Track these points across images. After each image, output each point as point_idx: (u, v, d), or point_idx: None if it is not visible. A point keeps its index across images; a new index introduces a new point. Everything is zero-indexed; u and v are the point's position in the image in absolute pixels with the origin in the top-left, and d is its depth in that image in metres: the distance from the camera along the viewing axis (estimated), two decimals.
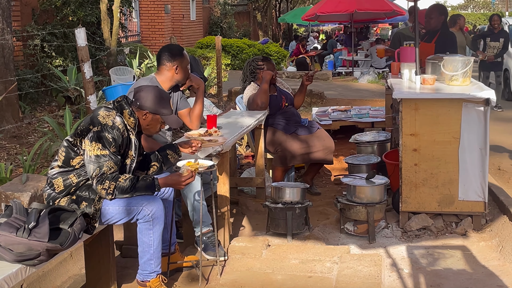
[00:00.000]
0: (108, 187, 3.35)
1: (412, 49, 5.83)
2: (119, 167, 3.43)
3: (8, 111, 7.49)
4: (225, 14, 25.09)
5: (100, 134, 3.35)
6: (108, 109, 3.48)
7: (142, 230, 3.57)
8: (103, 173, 3.33)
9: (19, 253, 2.88)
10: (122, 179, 3.38)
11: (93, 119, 3.43)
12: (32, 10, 10.51)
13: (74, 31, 5.71)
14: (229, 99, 10.86)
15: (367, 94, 11.98)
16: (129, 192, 3.40)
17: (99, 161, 3.34)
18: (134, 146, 3.57)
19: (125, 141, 3.48)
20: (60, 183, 3.46)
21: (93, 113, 3.48)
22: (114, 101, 3.58)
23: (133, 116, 3.53)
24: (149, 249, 3.58)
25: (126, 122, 3.50)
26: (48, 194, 3.50)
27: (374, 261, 4.10)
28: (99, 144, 3.34)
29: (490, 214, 5.00)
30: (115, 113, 3.46)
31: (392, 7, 16.06)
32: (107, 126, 3.38)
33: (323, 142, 5.76)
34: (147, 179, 3.46)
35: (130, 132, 3.54)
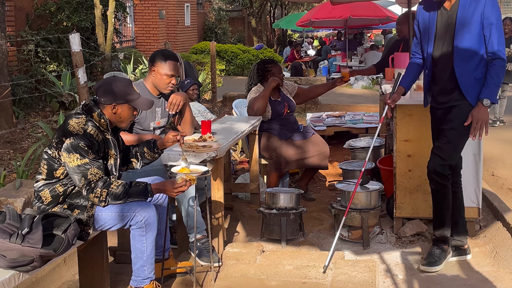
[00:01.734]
0: (100, 194, 3.33)
1: (406, 54, 5.84)
2: (103, 171, 3.40)
3: (1, 116, 7.47)
4: (220, 20, 25.14)
5: (74, 145, 3.30)
6: (77, 116, 3.43)
7: (135, 236, 3.54)
8: (89, 181, 3.30)
9: (13, 259, 2.87)
10: (114, 185, 3.36)
11: (64, 131, 3.38)
12: (26, 15, 10.50)
13: (69, 37, 5.70)
14: (223, 105, 10.87)
15: (361, 100, 12.01)
16: (121, 198, 3.37)
17: (82, 170, 3.30)
18: (113, 145, 3.54)
19: (101, 144, 3.45)
20: (47, 194, 3.42)
21: (64, 124, 3.43)
22: (82, 105, 3.52)
23: (103, 118, 3.47)
24: (142, 255, 3.56)
25: (98, 124, 3.46)
26: (37, 207, 3.47)
27: (368, 267, 4.10)
28: (76, 154, 3.30)
29: (484, 220, 5.01)
30: (85, 119, 3.42)
31: (386, 13, 16.14)
32: (78, 135, 3.33)
33: (318, 148, 5.76)
34: (139, 185, 3.43)
35: (106, 133, 3.51)
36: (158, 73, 4.36)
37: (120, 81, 3.54)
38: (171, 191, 3.49)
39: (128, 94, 3.51)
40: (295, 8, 34.56)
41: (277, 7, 33.72)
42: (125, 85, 3.53)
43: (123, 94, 3.49)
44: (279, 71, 5.84)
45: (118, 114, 3.52)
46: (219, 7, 26.83)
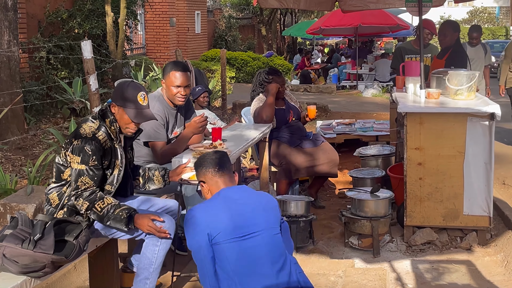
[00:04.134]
0: (81, 205, 3.32)
1: (416, 63, 5.84)
2: (97, 182, 3.37)
3: (13, 122, 7.52)
4: (230, 27, 25.20)
5: (80, 147, 3.31)
6: (92, 120, 3.45)
7: (148, 244, 3.49)
8: (77, 187, 3.32)
9: (24, 264, 2.88)
10: (99, 205, 3.32)
11: (75, 132, 3.41)
12: (38, 22, 10.58)
13: (80, 44, 5.74)
14: (233, 112, 10.88)
15: (371, 107, 11.99)
16: (101, 220, 3.34)
17: (76, 175, 3.32)
18: (120, 156, 3.51)
19: (107, 151, 3.42)
20: (55, 197, 3.45)
21: (78, 126, 3.46)
22: (100, 109, 3.53)
23: (114, 125, 3.47)
24: (149, 267, 3.49)
25: (109, 131, 3.45)
26: (47, 209, 3.50)
27: (378, 275, 4.08)
28: (78, 157, 3.31)
29: (495, 228, 4.98)
30: (98, 124, 3.42)
31: (397, 21, 16.12)
32: (87, 138, 3.33)
33: (327, 156, 5.76)
34: (123, 213, 3.32)
35: (115, 142, 3.48)
36: (166, 85, 4.40)
37: (132, 88, 3.51)
38: (146, 227, 3.39)
39: (127, 100, 3.45)
40: (305, 16, 34.61)
41: (287, 15, 33.76)
42: (132, 92, 3.48)
43: (123, 97, 3.46)
44: (281, 82, 5.81)
45: (116, 114, 3.49)
46: (229, 14, 26.92)
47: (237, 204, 2.95)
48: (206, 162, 3.09)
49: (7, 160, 6.76)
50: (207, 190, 3.08)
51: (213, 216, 2.89)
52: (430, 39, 7.31)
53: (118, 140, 3.53)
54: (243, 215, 2.91)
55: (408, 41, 8.25)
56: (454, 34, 6.34)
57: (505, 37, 36.92)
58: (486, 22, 43.78)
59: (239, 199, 2.98)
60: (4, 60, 7.39)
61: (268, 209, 3.01)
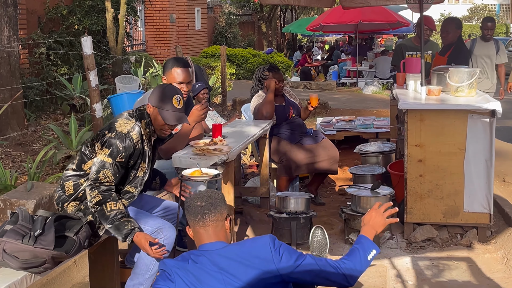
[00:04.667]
0: (93, 197, 3.29)
1: (417, 59, 5.84)
2: (117, 179, 3.37)
3: (13, 118, 7.51)
4: (230, 24, 25.18)
5: (112, 141, 3.32)
6: (128, 117, 3.46)
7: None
8: (97, 178, 3.30)
9: (25, 260, 2.88)
10: (110, 206, 3.30)
11: (111, 125, 3.41)
12: (38, 18, 10.56)
13: (80, 40, 5.73)
14: (233, 109, 10.88)
15: (371, 104, 11.98)
16: (105, 221, 3.30)
17: (100, 166, 3.31)
18: (147, 158, 3.52)
19: (137, 152, 3.42)
20: (71, 186, 3.45)
21: (113, 120, 3.47)
22: (137, 109, 3.55)
23: (149, 128, 3.50)
24: (145, 273, 3.46)
25: (143, 132, 3.45)
26: (58, 195, 3.49)
27: (379, 272, 4.09)
28: (107, 149, 3.31)
29: (495, 226, 4.98)
30: (134, 123, 3.42)
31: (397, 18, 16.10)
32: (121, 134, 3.34)
33: (328, 152, 5.75)
34: (127, 226, 3.28)
35: (145, 144, 3.49)
36: (168, 81, 4.37)
37: (168, 90, 3.53)
38: (144, 249, 3.33)
39: (163, 101, 3.48)
40: (305, 12, 34.57)
41: (287, 12, 33.73)
42: (168, 95, 3.50)
43: (159, 99, 3.48)
44: (278, 78, 5.79)
45: (152, 115, 3.51)
46: (229, 11, 26.90)
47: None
48: (190, 208, 2.61)
49: (7, 155, 6.75)
50: (193, 238, 2.64)
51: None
52: (429, 36, 7.30)
53: (150, 143, 3.55)
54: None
55: (408, 38, 8.25)
56: (457, 31, 6.33)
57: (505, 35, 36.88)
58: None
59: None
60: (4, 56, 7.38)
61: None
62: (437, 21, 26.75)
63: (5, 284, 2.80)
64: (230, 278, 2.43)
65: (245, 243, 2.59)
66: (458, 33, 6.35)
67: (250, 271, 2.42)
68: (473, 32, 33.53)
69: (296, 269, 2.47)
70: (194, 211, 2.58)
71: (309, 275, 2.50)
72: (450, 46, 6.30)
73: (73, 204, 3.45)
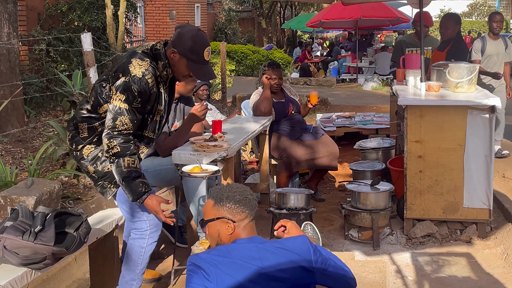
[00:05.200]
0: (111, 148, 3.13)
1: (417, 55, 5.84)
2: (135, 126, 3.20)
3: (13, 115, 7.50)
4: (230, 20, 25.15)
5: (127, 85, 3.12)
6: (142, 57, 3.20)
7: (134, 247, 3.40)
8: (114, 126, 3.12)
9: (25, 256, 2.89)
10: (128, 160, 3.14)
11: (124, 67, 3.17)
12: (38, 15, 10.55)
13: (80, 36, 5.73)
14: (233, 105, 10.87)
15: (371, 100, 11.98)
16: (120, 177, 3.16)
17: (116, 112, 3.13)
18: (164, 101, 3.33)
19: (153, 96, 3.23)
20: (85, 128, 3.33)
21: (127, 59, 3.21)
22: (153, 47, 3.28)
23: (167, 71, 3.26)
24: (135, 268, 3.41)
25: (159, 74, 3.24)
26: (72, 135, 3.38)
27: (378, 267, 4.09)
28: (123, 95, 3.12)
29: (495, 221, 4.99)
30: (149, 63, 3.19)
31: (397, 14, 16.09)
32: (135, 78, 3.12)
33: (327, 148, 5.76)
34: (142, 186, 3.19)
35: (161, 86, 3.29)
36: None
37: (201, 40, 3.24)
38: (155, 213, 3.26)
39: (194, 53, 3.21)
40: (305, 9, 34.53)
41: (287, 8, 33.70)
42: (201, 46, 3.22)
43: (190, 49, 3.21)
44: (276, 75, 5.79)
45: (174, 61, 3.26)
46: (229, 7, 26.86)
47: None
48: (246, 201, 2.46)
49: (7, 152, 6.75)
50: (228, 233, 2.42)
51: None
52: (426, 32, 7.28)
53: (166, 85, 3.34)
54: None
55: (408, 34, 8.25)
56: (456, 27, 6.33)
57: (505, 31, 36.85)
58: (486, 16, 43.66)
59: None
60: (3, 53, 7.38)
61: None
62: (437, 17, 26.73)
63: (5, 280, 2.80)
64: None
65: (284, 240, 2.48)
66: (457, 29, 6.35)
67: (290, 265, 2.32)
68: (473, 28, 33.50)
69: (325, 272, 2.37)
70: (251, 204, 2.46)
71: (332, 280, 2.41)
72: (449, 42, 6.29)
73: (88, 148, 3.35)
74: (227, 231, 2.40)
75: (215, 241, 2.45)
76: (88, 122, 3.33)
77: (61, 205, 4.89)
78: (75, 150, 3.39)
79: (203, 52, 3.23)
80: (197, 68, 3.25)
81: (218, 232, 2.42)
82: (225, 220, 2.40)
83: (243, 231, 2.42)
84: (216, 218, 2.42)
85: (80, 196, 5.26)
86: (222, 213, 2.42)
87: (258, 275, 2.26)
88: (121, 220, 3.74)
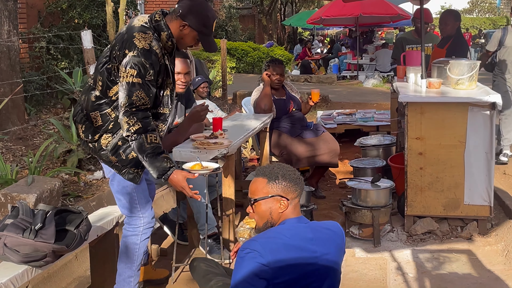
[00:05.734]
0: (132, 125, 3.02)
1: (418, 52, 5.84)
2: (152, 100, 3.10)
3: (14, 113, 7.51)
4: (230, 18, 25.12)
5: (136, 60, 3.01)
6: (144, 30, 3.10)
7: (128, 243, 3.39)
8: (132, 102, 3.01)
9: (26, 254, 2.89)
10: (150, 137, 3.05)
11: (128, 42, 3.06)
12: (38, 12, 10.55)
13: (80, 34, 5.72)
14: (233, 102, 10.87)
15: (372, 97, 11.98)
16: (142, 154, 3.06)
17: (130, 89, 3.01)
18: (170, 72, 3.27)
19: (162, 67, 3.16)
20: (98, 116, 3.20)
21: (128, 34, 3.10)
22: (151, 19, 3.19)
23: (171, 40, 3.18)
24: (131, 265, 3.41)
25: (163, 45, 3.16)
26: (86, 126, 3.25)
27: (379, 264, 4.09)
28: (133, 70, 3.01)
29: (495, 218, 4.99)
30: (152, 35, 3.10)
31: (397, 11, 16.09)
32: (144, 50, 3.02)
33: (328, 146, 5.76)
34: (166, 162, 3.10)
35: (166, 58, 3.21)
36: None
37: (211, 11, 3.23)
38: (181, 188, 3.18)
39: (206, 26, 3.19)
40: (305, 6, 34.52)
41: (287, 5, 33.68)
42: (211, 19, 3.22)
43: (202, 23, 3.18)
44: (278, 72, 5.79)
45: (182, 34, 3.20)
46: (229, 4, 26.82)
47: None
48: (298, 180, 2.51)
49: (7, 150, 6.75)
50: (280, 211, 2.46)
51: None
52: (426, 29, 7.27)
53: (172, 56, 3.28)
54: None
55: (408, 31, 8.24)
56: (456, 24, 6.32)
57: None
58: (486, 12, 43.66)
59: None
60: (4, 50, 7.38)
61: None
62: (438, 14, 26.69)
63: (6, 278, 2.80)
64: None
65: (325, 222, 2.56)
66: (456, 25, 6.33)
67: (338, 248, 2.43)
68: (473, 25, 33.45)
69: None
70: (301, 183, 2.50)
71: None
72: (449, 39, 6.28)
73: (105, 137, 3.22)
74: (279, 209, 2.43)
75: (264, 219, 2.47)
76: (100, 110, 3.20)
77: (62, 202, 4.90)
78: (91, 141, 3.26)
79: (213, 24, 3.24)
80: (207, 40, 3.24)
81: (270, 209, 2.45)
82: (279, 198, 2.43)
83: (294, 210, 2.45)
84: (270, 195, 2.44)
85: (80, 193, 5.26)
86: (276, 191, 2.44)
87: (312, 255, 2.32)
88: (121, 217, 3.74)
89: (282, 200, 2.43)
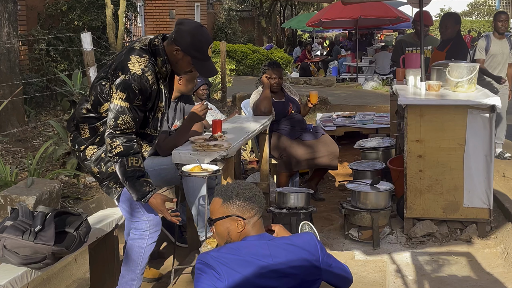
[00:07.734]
0: (114, 147, 3.08)
1: (417, 55, 5.84)
2: (138, 124, 3.15)
3: (13, 115, 7.51)
4: (230, 20, 25.16)
5: (127, 83, 3.05)
6: (141, 53, 3.14)
7: (133, 246, 3.37)
8: (116, 125, 3.07)
9: (25, 256, 2.89)
10: (132, 160, 3.10)
11: (123, 65, 3.11)
12: (37, 14, 10.55)
13: (80, 36, 5.73)
14: (233, 105, 10.88)
15: (371, 100, 11.98)
16: (124, 176, 3.12)
17: (118, 111, 3.06)
18: (164, 97, 3.28)
19: (153, 93, 3.17)
20: (86, 129, 3.29)
21: (125, 56, 3.15)
22: (150, 42, 3.22)
23: (166, 67, 3.21)
24: (135, 268, 3.39)
25: (158, 70, 3.19)
26: (74, 136, 3.34)
27: (378, 267, 4.09)
28: (123, 93, 3.05)
29: (495, 221, 4.99)
30: (147, 60, 3.13)
31: (397, 14, 16.08)
32: (135, 75, 3.06)
33: (327, 148, 5.76)
34: (146, 186, 3.15)
35: (161, 82, 3.23)
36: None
37: (205, 36, 3.21)
38: (161, 211, 3.22)
39: (199, 51, 3.17)
40: (305, 8, 34.53)
41: (287, 7, 33.70)
42: (205, 44, 3.19)
43: (194, 47, 3.16)
44: (277, 74, 5.79)
45: (176, 58, 3.21)
46: (229, 7, 26.87)
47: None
48: (256, 198, 2.47)
49: (7, 152, 6.75)
50: (238, 230, 2.41)
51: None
52: (426, 31, 7.28)
53: (166, 81, 3.29)
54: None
55: (408, 34, 8.25)
56: (456, 26, 6.32)
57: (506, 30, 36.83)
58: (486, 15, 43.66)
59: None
60: (3, 52, 7.38)
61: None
62: (437, 17, 26.72)
63: (5, 280, 2.80)
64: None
65: (292, 236, 2.49)
66: (457, 28, 6.34)
67: (300, 262, 2.32)
68: (473, 28, 33.47)
69: (329, 268, 2.39)
70: (260, 200, 2.46)
71: (334, 277, 2.44)
72: (448, 41, 6.29)
73: (91, 149, 3.31)
74: (237, 229, 2.39)
75: (224, 239, 2.43)
76: (89, 123, 3.28)
77: (61, 204, 4.89)
78: (78, 151, 3.36)
79: (207, 49, 3.21)
80: (202, 65, 3.23)
81: (227, 230, 2.40)
82: (235, 218, 2.39)
83: (253, 228, 2.41)
84: (225, 216, 2.40)
85: (80, 195, 5.26)
86: (231, 211, 2.40)
87: (270, 271, 2.26)
88: (121, 219, 3.74)
89: (239, 220, 2.39)
